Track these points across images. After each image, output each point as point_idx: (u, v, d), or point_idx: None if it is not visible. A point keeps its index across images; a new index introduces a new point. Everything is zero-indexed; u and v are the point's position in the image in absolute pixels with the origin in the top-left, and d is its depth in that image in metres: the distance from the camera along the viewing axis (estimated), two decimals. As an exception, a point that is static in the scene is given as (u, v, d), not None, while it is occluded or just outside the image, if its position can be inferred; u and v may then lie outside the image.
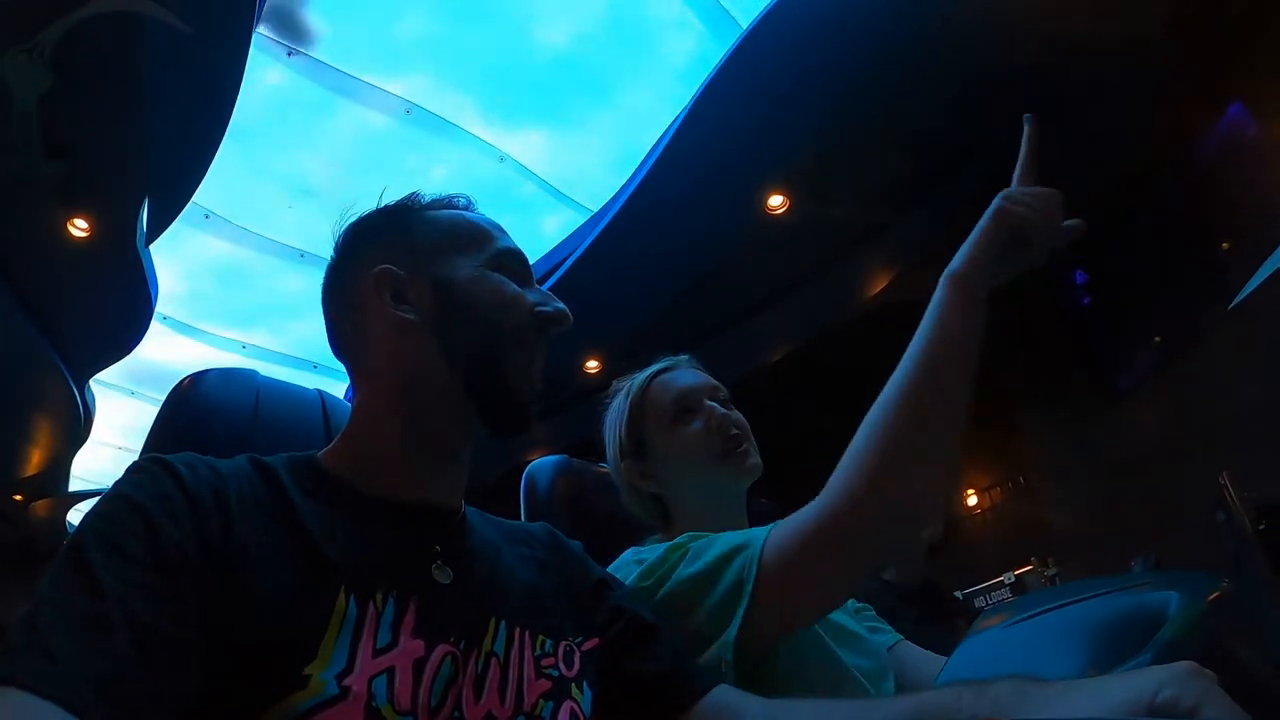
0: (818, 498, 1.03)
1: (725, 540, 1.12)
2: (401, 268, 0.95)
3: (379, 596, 0.77)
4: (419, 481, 0.92)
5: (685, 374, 1.48)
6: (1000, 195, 1.14)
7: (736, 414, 1.42)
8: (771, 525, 1.08)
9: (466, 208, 1.05)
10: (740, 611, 1.02)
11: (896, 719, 0.79)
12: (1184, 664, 0.66)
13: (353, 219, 1.03)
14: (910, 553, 2.27)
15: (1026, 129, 1.27)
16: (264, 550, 0.75)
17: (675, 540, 1.19)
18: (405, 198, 1.04)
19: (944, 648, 1.45)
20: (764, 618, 1.02)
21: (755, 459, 1.38)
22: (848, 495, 1.00)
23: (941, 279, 1.10)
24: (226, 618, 0.69)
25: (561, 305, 1.00)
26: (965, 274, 1.11)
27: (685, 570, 1.11)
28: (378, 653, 0.74)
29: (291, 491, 0.83)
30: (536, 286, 1.02)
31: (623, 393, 1.49)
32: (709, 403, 1.41)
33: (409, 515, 0.89)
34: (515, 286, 0.98)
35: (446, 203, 1.04)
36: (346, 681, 0.70)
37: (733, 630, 1.03)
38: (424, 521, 0.90)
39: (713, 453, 1.36)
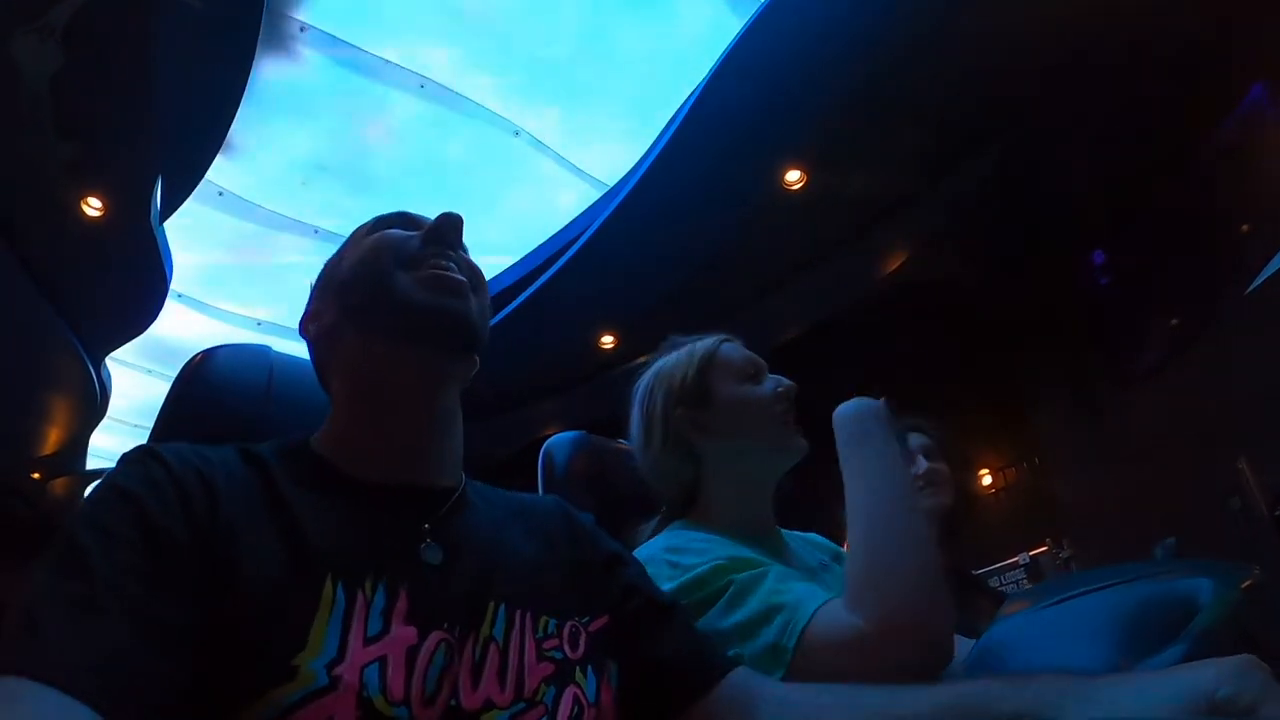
0: (854, 602, 1.04)
1: (768, 590, 1.10)
2: (316, 304, 1.02)
3: (368, 584, 0.76)
4: (404, 461, 0.91)
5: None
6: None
7: None
8: (815, 599, 1.07)
9: None
10: (779, 675, 1.02)
11: (929, 713, 0.77)
12: (1242, 658, 0.64)
13: None
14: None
15: None
16: (250, 536, 0.75)
17: (717, 561, 1.16)
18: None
19: (969, 627, 1.44)
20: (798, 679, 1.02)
21: (803, 440, 1.38)
22: (884, 618, 1.01)
23: None
24: (215, 604, 0.69)
25: (445, 212, 1.01)
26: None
27: (723, 622, 1.09)
28: (369, 641, 0.72)
29: (279, 478, 0.83)
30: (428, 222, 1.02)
31: (685, 349, 1.47)
32: (774, 375, 1.43)
33: (398, 498, 0.88)
34: (389, 231, 1.00)
35: None
36: (337, 671, 0.69)
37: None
38: (413, 502, 0.89)
39: (776, 416, 1.36)
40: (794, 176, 4.57)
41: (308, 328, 1.00)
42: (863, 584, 1.05)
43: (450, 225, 0.99)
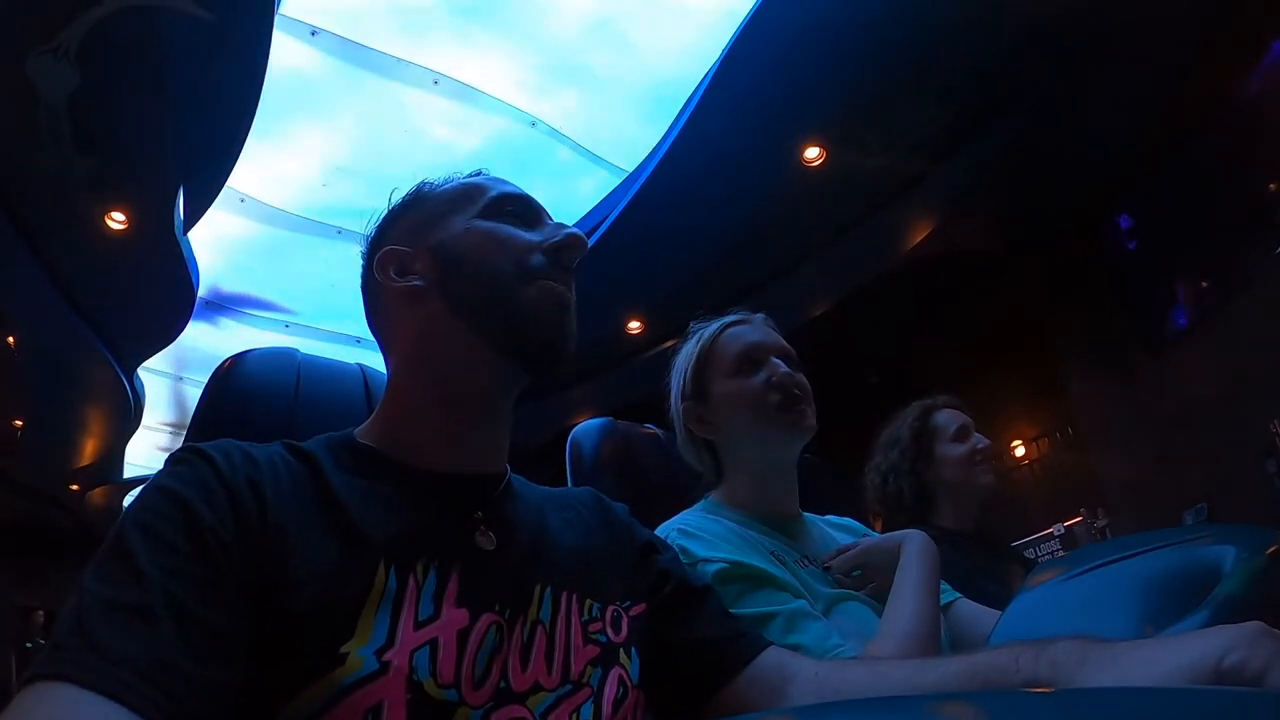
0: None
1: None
2: (405, 244, 0.97)
3: (420, 568, 0.77)
4: (456, 449, 0.91)
5: (758, 330, 1.50)
6: None
7: (801, 376, 1.43)
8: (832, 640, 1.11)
9: (474, 175, 1.04)
10: None
11: (951, 680, 0.77)
12: (1252, 625, 0.62)
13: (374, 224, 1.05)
14: (965, 501, 2.23)
15: None
16: (301, 532, 0.75)
17: (738, 562, 1.20)
18: (415, 185, 1.04)
19: (1001, 595, 1.43)
20: None
21: (811, 420, 1.39)
22: None
23: None
24: (266, 602, 0.69)
25: (572, 230, 0.97)
26: None
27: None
28: (419, 625, 0.73)
29: (329, 471, 0.83)
30: (550, 223, 1.00)
31: (694, 337, 1.51)
32: (775, 360, 1.42)
33: (449, 484, 0.88)
34: (510, 229, 0.96)
35: (455, 179, 1.04)
36: (386, 656, 0.69)
37: None
38: (465, 489, 0.89)
39: (770, 408, 1.37)
40: (813, 153, 4.55)
41: (386, 265, 0.96)
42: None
43: (578, 250, 0.96)
